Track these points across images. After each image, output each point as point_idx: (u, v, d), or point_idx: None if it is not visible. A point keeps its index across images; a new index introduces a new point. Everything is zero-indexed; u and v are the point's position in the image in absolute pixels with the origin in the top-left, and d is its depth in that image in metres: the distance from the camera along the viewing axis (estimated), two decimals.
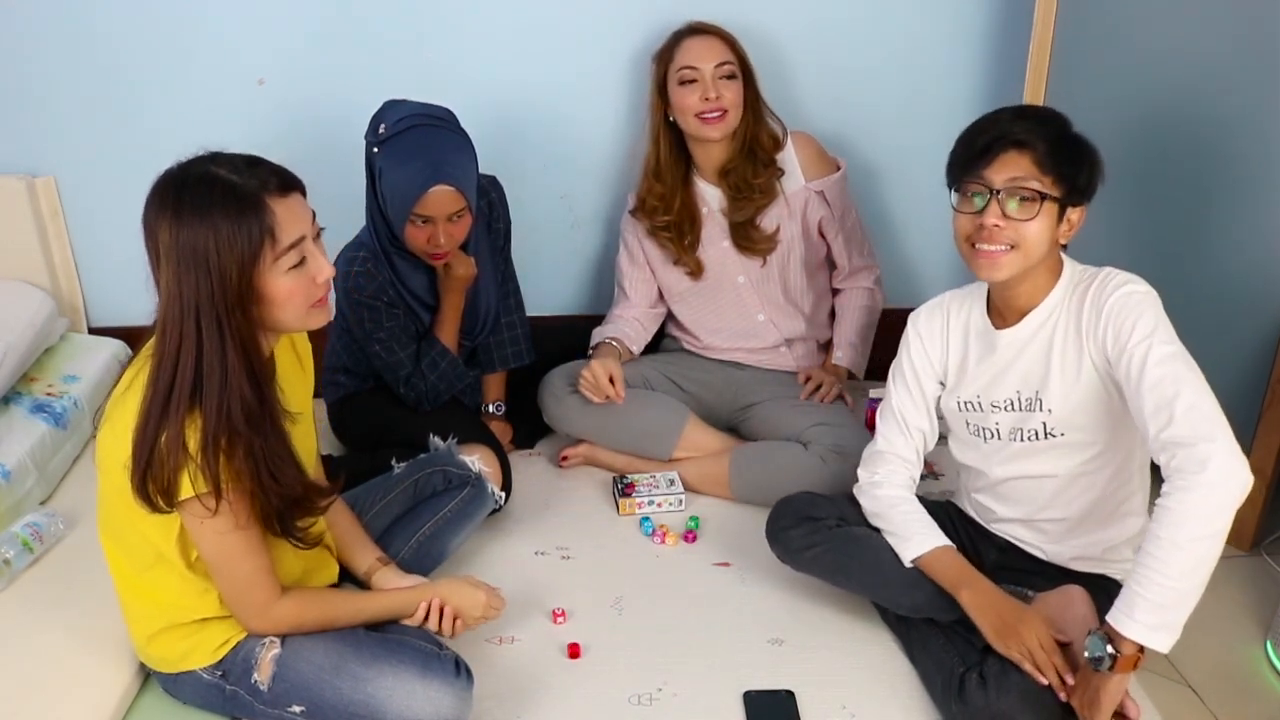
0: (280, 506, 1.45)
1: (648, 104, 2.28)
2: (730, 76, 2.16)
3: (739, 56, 2.19)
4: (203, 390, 1.34)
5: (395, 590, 1.68)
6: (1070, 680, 1.50)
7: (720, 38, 2.18)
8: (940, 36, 2.46)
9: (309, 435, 1.65)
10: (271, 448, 1.40)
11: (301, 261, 1.38)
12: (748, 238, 2.27)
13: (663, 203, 2.28)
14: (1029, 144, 1.51)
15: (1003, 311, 1.67)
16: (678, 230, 2.28)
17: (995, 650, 1.57)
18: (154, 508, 1.37)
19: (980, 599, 1.62)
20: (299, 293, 1.39)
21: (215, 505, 1.37)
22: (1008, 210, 1.53)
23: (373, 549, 1.76)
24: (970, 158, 1.55)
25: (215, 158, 1.36)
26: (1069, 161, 1.53)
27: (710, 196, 2.29)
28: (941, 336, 1.75)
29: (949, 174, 1.60)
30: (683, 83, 2.17)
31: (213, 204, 1.31)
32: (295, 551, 1.59)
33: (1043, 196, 1.52)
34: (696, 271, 2.31)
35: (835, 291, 2.43)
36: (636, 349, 2.40)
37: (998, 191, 1.52)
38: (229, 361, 1.34)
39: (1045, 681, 1.50)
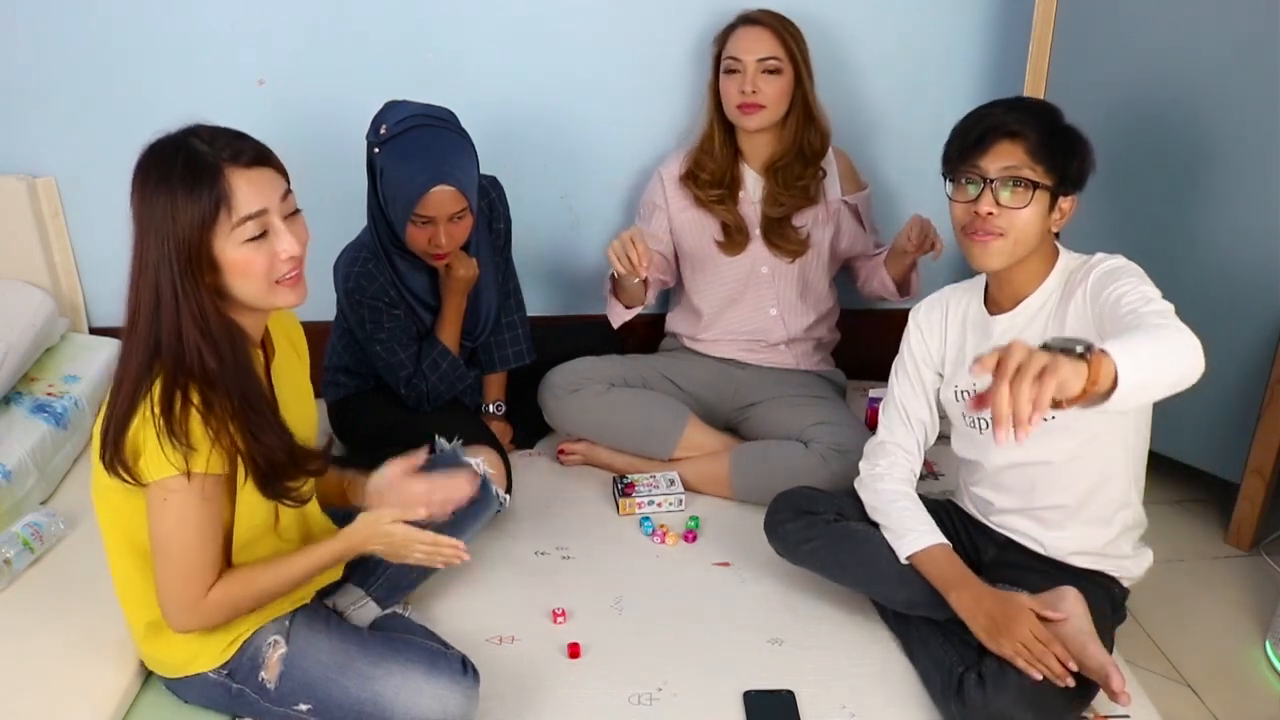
0: (266, 469, 1.44)
1: (706, 86, 2.29)
2: (774, 71, 2.17)
3: (789, 52, 2.19)
4: (162, 353, 1.36)
5: (313, 547, 1.56)
6: (1073, 665, 1.50)
7: (772, 31, 2.18)
8: (939, 35, 2.47)
9: (307, 416, 1.64)
10: (247, 412, 1.40)
11: (263, 235, 1.38)
12: (781, 235, 2.28)
13: (713, 177, 2.29)
14: (1022, 134, 1.55)
15: (998, 299, 1.69)
16: (732, 199, 2.30)
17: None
18: (115, 474, 1.37)
19: (968, 600, 1.62)
20: (258, 265, 1.38)
21: (189, 474, 1.36)
22: (1000, 198, 1.56)
23: (339, 476, 1.72)
24: (965, 148, 1.59)
25: (196, 129, 1.38)
26: (1061, 151, 1.56)
27: (751, 186, 2.31)
28: (940, 328, 1.78)
29: (944, 164, 1.64)
30: (727, 71, 2.20)
31: (173, 171, 1.33)
32: (278, 545, 1.58)
33: (1035, 185, 1.55)
34: (742, 240, 2.30)
35: (860, 275, 2.43)
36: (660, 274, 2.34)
37: (992, 180, 1.56)
38: (184, 325, 1.35)
39: (1039, 677, 1.50)
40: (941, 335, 1.78)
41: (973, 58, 2.49)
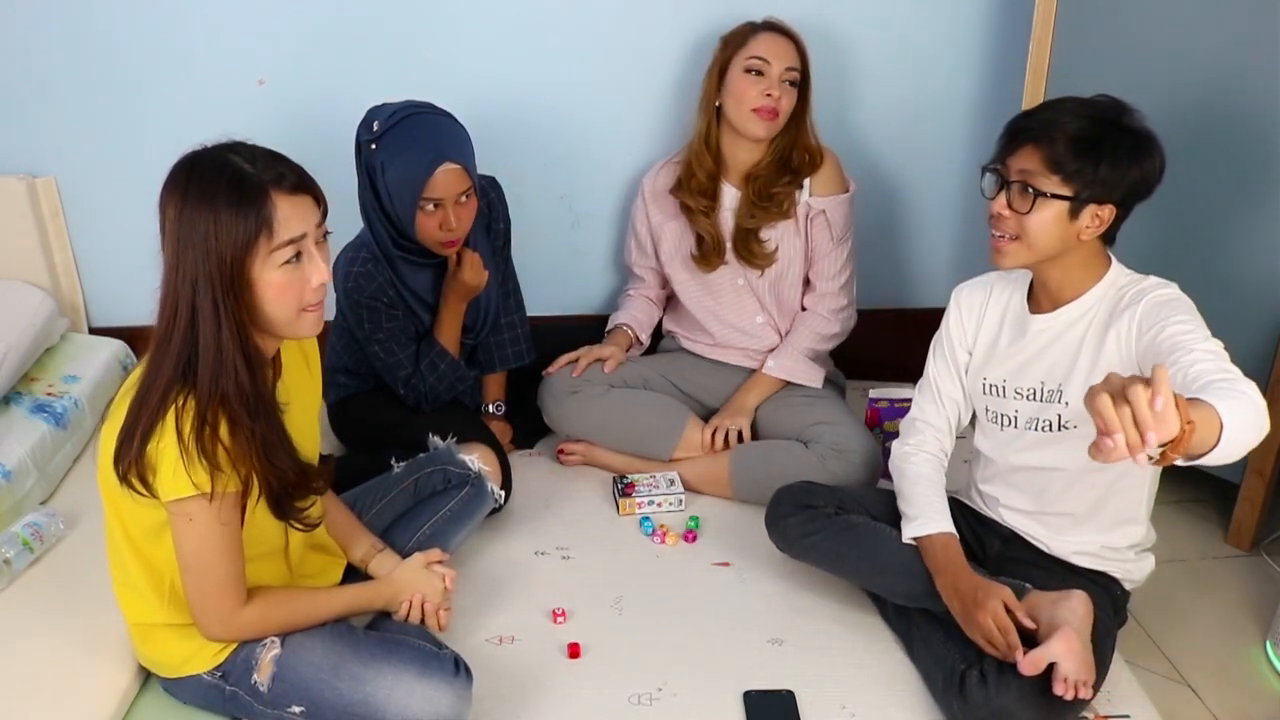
0: (278, 490, 1.45)
1: (700, 87, 2.26)
2: (793, 83, 2.17)
3: (805, 69, 2.19)
4: (196, 370, 1.35)
5: (354, 587, 1.69)
6: (1017, 657, 1.50)
7: (796, 45, 2.18)
8: (939, 36, 2.46)
9: (313, 431, 1.65)
10: (265, 433, 1.41)
11: (297, 258, 1.39)
12: (748, 249, 2.26)
13: (703, 183, 2.25)
14: (1047, 140, 1.52)
15: (1039, 299, 1.68)
16: (713, 213, 2.28)
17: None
18: (128, 484, 1.37)
19: (945, 585, 1.64)
20: (290, 291, 1.39)
21: (211, 495, 1.36)
22: (1012, 202, 1.55)
23: (368, 537, 1.78)
24: (1002, 144, 1.59)
25: (235, 146, 1.38)
26: (1088, 160, 1.50)
27: (728, 198, 2.29)
28: (980, 312, 1.76)
29: None
30: (748, 70, 2.16)
31: (219, 188, 1.33)
32: (284, 563, 1.60)
33: (1041, 194, 1.52)
34: (716, 260, 2.29)
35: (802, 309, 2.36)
36: (645, 334, 2.44)
37: (1011, 182, 1.55)
38: (224, 343, 1.35)
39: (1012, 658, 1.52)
40: (979, 319, 1.76)
41: (973, 59, 2.49)
